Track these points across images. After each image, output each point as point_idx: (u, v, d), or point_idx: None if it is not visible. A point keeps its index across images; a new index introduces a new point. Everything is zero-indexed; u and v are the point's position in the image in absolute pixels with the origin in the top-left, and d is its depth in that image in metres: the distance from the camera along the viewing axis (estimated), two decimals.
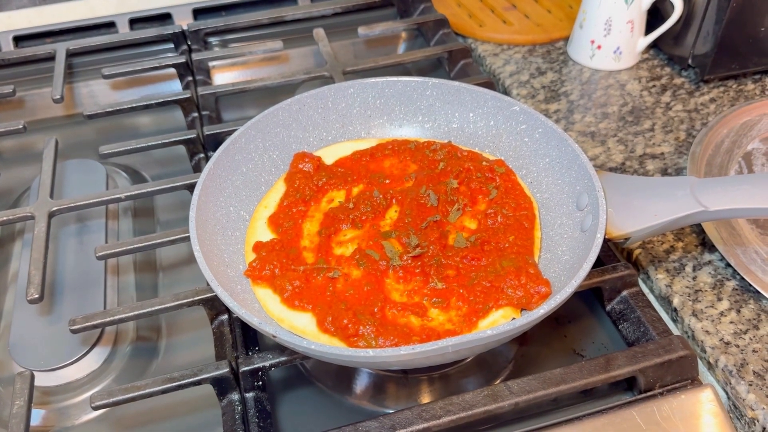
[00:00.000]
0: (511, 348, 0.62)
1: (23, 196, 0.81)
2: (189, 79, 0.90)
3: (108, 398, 0.53)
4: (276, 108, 0.68)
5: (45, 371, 0.61)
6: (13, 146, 0.89)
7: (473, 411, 0.51)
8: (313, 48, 0.97)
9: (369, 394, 0.60)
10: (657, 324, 0.58)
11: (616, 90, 0.86)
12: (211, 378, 0.54)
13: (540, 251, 0.60)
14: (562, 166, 0.62)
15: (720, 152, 0.73)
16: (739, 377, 0.55)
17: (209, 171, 0.61)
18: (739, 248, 0.63)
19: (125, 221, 0.78)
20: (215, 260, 0.56)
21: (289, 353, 0.55)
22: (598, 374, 0.53)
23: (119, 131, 0.91)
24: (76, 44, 0.94)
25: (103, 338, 0.64)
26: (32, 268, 0.63)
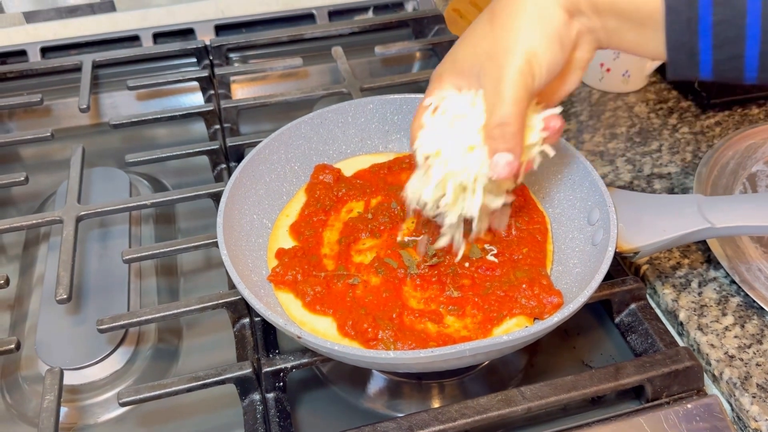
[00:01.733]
0: (521, 358, 0.64)
1: (49, 201, 0.83)
2: (211, 93, 0.93)
3: (135, 395, 0.55)
4: (298, 121, 0.71)
5: (70, 370, 0.63)
6: (40, 153, 0.92)
7: (488, 414, 0.53)
8: (331, 65, 1.00)
9: (383, 398, 0.61)
10: (664, 336, 0.60)
11: (624, 111, 0.89)
12: (235, 378, 0.56)
13: (552, 263, 0.62)
14: (574, 182, 0.65)
15: (725, 173, 0.75)
16: (743, 390, 0.57)
17: (235, 180, 0.64)
18: (744, 265, 0.65)
19: (147, 227, 0.80)
20: (240, 265, 0.58)
21: (310, 355, 0.57)
22: (607, 382, 0.55)
23: (139, 141, 0.94)
24: (102, 56, 0.97)
25: (126, 340, 0.66)
26: (61, 270, 0.65)
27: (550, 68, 0.50)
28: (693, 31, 0.44)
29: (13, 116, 0.95)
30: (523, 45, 0.49)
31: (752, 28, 0.43)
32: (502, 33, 0.50)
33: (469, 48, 0.53)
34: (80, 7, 1.01)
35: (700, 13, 0.43)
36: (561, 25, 0.49)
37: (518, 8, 0.50)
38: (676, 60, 0.47)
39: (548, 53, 0.50)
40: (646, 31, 0.47)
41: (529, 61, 0.49)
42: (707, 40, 0.44)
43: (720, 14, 0.43)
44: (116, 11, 1.03)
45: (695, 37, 0.45)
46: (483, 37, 0.51)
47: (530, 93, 0.50)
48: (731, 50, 0.44)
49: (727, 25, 0.43)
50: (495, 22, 0.51)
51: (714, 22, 0.43)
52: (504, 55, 0.50)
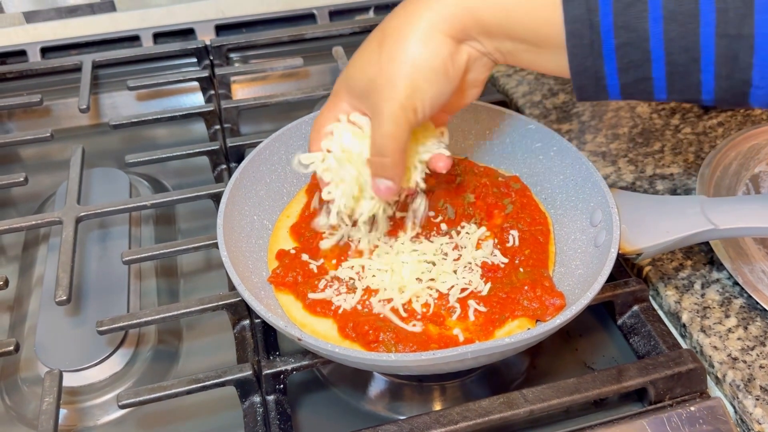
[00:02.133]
0: (523, 360, 0.64)
1: (48, 202, 0.83)
2: (211, 93, 0.92)
3: (135, 397, 0.55)
4: (299, 122, 0.70)
5: (69, 371, 0.63)
6: (39, 153, 0.92)
7: (489, 417, 0.52)
8: (331, 65, 0.99)
9: (384, 400, 0.61)
10: (667, 338, 0.60)
11: (626, 112, 0.89)
12: (235, 380, 0.56)
13: (554, 265, 0.62)
14: (576, 183, 0.64)
15: (728, 174, 0.75)
16: (747, 392, 0.56)
17: (235, 181, 0.63)
18: (747, 267, 0.65)
19: (147, 228, 0.80)
20: (240, 266, 0.58)
21: (311, 357, 0.57)
22: (610, 385, 0.55)
23: (139, 141, 0.93)
24: (102, 56, 0.97)
25: (125, 341, 0.66)
26: (60, 271, 0.65)
27: (434, 101, 0.50)
28: (597, 55, 0.43)
29: (13, 116, 0.95)
30: (405, 80, 0.48)
31: (656, 51, 0.42)
32: (387, 63, 0.48)
33: (358, 71, 0.51)
34: (80, 7, 1.01)
35: (603, 37, 0.42)
36: (447, 56, 0.48)
37: (404, 36, 0.48)
38: (582, 85, 0.46)
39: (432, 88, 0.49)
40: (544, 53, 0.46)
41: (411, 97, 0.48)
42: (612, 63, 0.43)
43: (622, 37, 0.42)
44: (116, 11, 1.02)
45: (600, 60, 0.43)
46: (370, 62, 0.50)
47: (412, 125, 0.50)
48: (638, 73, 0.43)
49: (631, 47, 0.42)
50: (382, 49, 0.49)
51: (617, 45, 0.42)
52: (387, 87, 0.49)
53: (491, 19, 0.47)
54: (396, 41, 0.48)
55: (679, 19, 0.41)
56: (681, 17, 0.41)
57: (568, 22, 0.43)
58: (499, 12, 0.46)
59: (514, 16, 0.46)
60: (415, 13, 0.48)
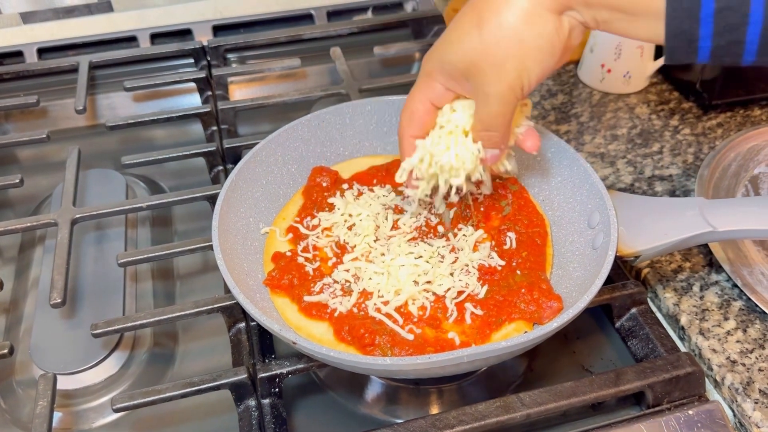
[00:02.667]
0: (521, 363, 0.63)
1: (45, 204, 0.83)
2: (208, 94, 0.92)
3: (129, 401, 0.54)
4: (296, 123, 0.70)
5: (64, 374, 0.62)
6: (35, 155, 0.91)
7: (486, 421, 0.52)
8: (329, 66, 0.99)
9: (381, 404, 0.61)
10: (665, 341, 0.59)
11: (625, 113, 0.88)
12: (230, 383, 0.56)
13: (552, 267, 0.61)
14: (574, 185, 0.64)
15: (727, 175, 0.74)
16: (745, 395, 0.56)
17: (231, 182, 0.63)
18: (746, 269, 0.65)
19: (143, 230, 0.79)
20: (236, 269, 0.58)
21: (306, 361, 0.57)
22: (607, 388, 0.54)
23: (137, 142, 0.93)
24: (99, 57, 0.96)
25: (121, 344, 0.66)
26: (55, 274, 0.65)
27: (540, 77, 0.51)
28: (694, 19, 0.44)
29: (10, 118, 0.95)
30: (514, 63, 0.49)
31: (755, 15, 0.42)
32: (491, 44, 0.49)
33: (457, 52, 0.51)
34: (77, 8, 1.01)
35: (702, 2, 0.43)
36: (553, 33, 0.49)
37: (507, 17, 0.48)
38: (675, 47, 0.46)
39: (540, 66, 0.49)
40: (640, 20, 0.47)
41: (519, 77, 0.49)
42: (708, 27, 0.44)
43: (723, 2, 0.43)
44: (113, 12, 1.02)
45: (696, 24, 0.44)
46: (470, 43, 0.50)
47: (519, 101, 0.51)
48: (731, 36, 0.44)
49: (730, 12, 0.43)
50: (483, 29, 0.49)
51: (717, 9, 0.43)
52: (494, 70, 0.49)
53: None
54: (498, 23, 0.48)
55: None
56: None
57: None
58: None
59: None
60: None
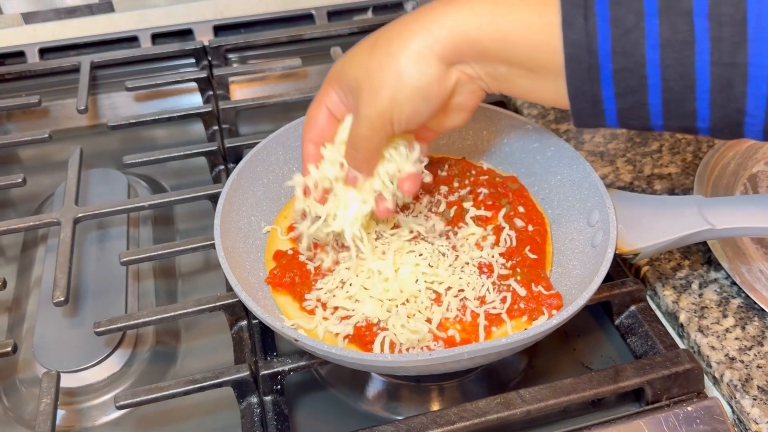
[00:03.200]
0: (521, 360, 0.64)
1: (47, 203, 0.83)
2: (210, 93, 0.92)
3: (132, 398, 0.55)
4: (297, 122, 0.70)
5: (67, 372, 0.63)
6: (37, 154, 0.92)
7: (486, 418, 0.52)
8: (330, 66, 0.98)
9: (382, 400, 0.61)
10: (664, 338, 0.60)
11: None
12: (232, 381, 0.56)
13: (551, 265, 0.62)
14: (574, 183, 0.64)
15: (726, 174, 0.75)
16: (744, 392, 0.56)
17: (233, 181, 0.63)
18: (744, 267, 0.65)
19: (145, 229, 0.80)
20: (237, 267, 0.58)
21: (308, 358, 0.57)
22: (607, 385, 0.55)
23: (138, 142, 0.93)
24: (100, 57, 0.97)
25: (123, 342, 0.66)
26: (58, 272, 0.65)
27: (411, 118, 0.51)
28: (594, 80, 0.44)
29: (12, 117, 0.95)
30: (386, 92, 0.49)
31: (653, 77, 0.42)
32: (374, 70, 0.50)
33: (348, 68, 0.53)
34: (79, 8, 1.01)
35: (601, 62, 0.43)
36: (433, 79, 0.48)
37: (395, 50, 0.49)
38: (580, 109, 0.46)
39: (409, 106, 0.49)
40: (540, 79, 0.46)
41: (389, 108, 0.50)
42: (609, 88, 0.44)
43: (620, 63, 0.42)
44: (115, 12, 1.02)
45: (597, 86, 0.44)
46: (359, 64, 0.51)
47: (387, 133, 0.52)
48: (635, 98, 0.43)
49: (628, 73, 0.43)
50: (372, 55, 0.50)
51: (614, 70, 0.43)
52: (370, 94, 0.50)
53: (488, 44, 0.47)
54: (387, 53, 0.49)
55: (675, 47, 0.41)
56: (677, 44, 0.41)
57: (567, 47, 0.43)
58: (497, 38, 0.46)
59: (512, 42, 0.46)
60: (409, 29, 0.49)
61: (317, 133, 0.57)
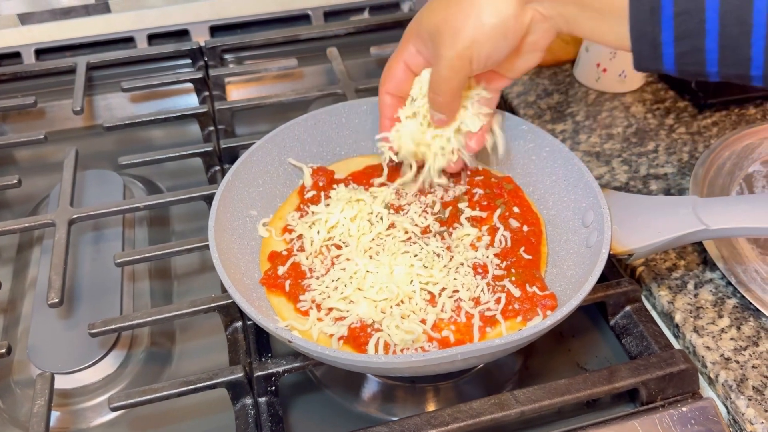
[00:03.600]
0: (516, 360, 0.64)
1: (42, 204, 0.83)
2: (206, 94, 0.92)
3: (126, 399, 0.55)
4: (292, 123, 0.70)
5: (62, 374, 0.63)
6: (33, 155, 0.92)
7: (480, 419, 0.52)
8: (326, 66, 0.99)
9: (377, 401, 0.61)
10: (659, 338, 0.60)
11: (620, 112, 0.88)
12: (226, 382, 0.56)
13: (546, 266, 0.62)
14: (569, 183, 0.64)
15: (722, 174, 0.75)
16: (739, 392, 0.56)
17: (228, 182, 0.63)
18: (740, 267, 0.65)
19: (141, 230, 0.80)
20: (232, 268, 0.58)
21: (302, 359, 0.57)
22: (601, 385, 0.55)
23: (134, 143, 0.93)
24: (96, 58, 0.97)
25: (118, 343, 0.66)
26: (53, 273, 0.65)
27: (490, 56, 0.54)
28: (656, 22, 0.45)
29: (7, 118, 0.95)
30: (467, 32, 0.52)
31: (711, 22, 0.43)
32: (454, 12, 0.52)
33: (428, 16, 0.55)
34: (75, 9, 1.01)
35: (663, 3, 0.44)
36: (509, 17, 0.51)
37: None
38: (640, 51, 0.47)
39: (489, 44, 0.52)
40: (606, 20, 0.48)
41: (470, 48, 0.52)
42: (669, 31, 0.45)
43: (681, 5, 0.43)
44: (111, 13, 1.02)
45: (658, 27, 0.45)
46: (439, 9, 0.54)
47: (467, 73, 0.55)
48: (692, 43, 0.44)
49: (688, 16, 0.44)
50: (451, 2, 0.53)
51: (675, 13, 0.44)
52: (450, 35, 0.53)
53: None
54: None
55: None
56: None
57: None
58: None
59: None
60: None
61: (394, 85, 0.61)
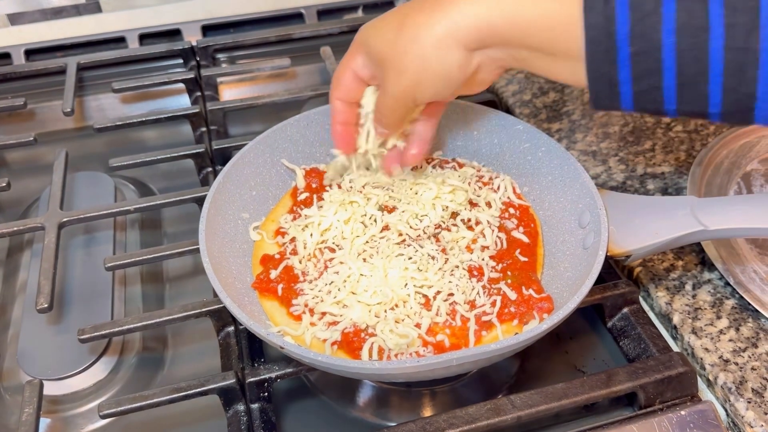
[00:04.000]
0: (513, 363, 0.63)
1: (32, 207, 0.82)
2: (198, 95, 0.91)
3: (116, 407, 0.54)
4: (284, 124, 0.69)
5: (52, 380, 0.62)
6: (23, 158, 0.91)
7: (476, 424, 0.51)
8: (319, 65, 0.98)
9: (372, 406, 0.60)
10: (657, 341, 0.59)
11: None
12: (218, 388, 0.55)
13: (543, 267, 0.61)
14: (565, 184, 0.63)
15: (719, 173, 0.74)
16: (738, 394, 0.56)
17: (219, 184, 0.62)
18: (738, 267, 0.64)
19: (133, 233, 0.79)
20: (223, 272, 0.57)
21: (295, 365, 0.56)
22: (599, 389, 0.54)
23: (126, 144, 0.92)
24: (87, 58, 0.95)
25: (109, 348, 0.65)
26: (42, 278, 0.64)
27: (434, 97, 0.55)
28: (612, 62, 0.45)
29: None
30: (410, 75, 0.52)
31: (668, 60, 0.44)
32: (401, 53, 0.52)
33: (377, 42, 0.55)
34: (65, 9, 1.00)
35: (619, 45, 0.44)
36: (453, 65, 0.51)
37: (420, 35, 0.51)
38: (598, 91, 0.47)
39: (432, 88, 0.53)
40: (559, 61, 0.48)
41: (413, 88, 0.53)
42: (626, 70, 0.45)
43: (637, 45, 0.44)
44: (102, 12, 1.01)
45: (614, 68, 0.45)
46: (386, 41, 0.54)
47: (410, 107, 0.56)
48: (650, 81, 0.45)
49: (645, 56, 0.44)
50: (400, 35, 0.52)
51: (632, 53, 0.44)
52: (395, 72, 0.53)
53: (510, 31, 0.49)
54: (413, 36, 0.51)
55: (690, 31, 0.42)
56: (692, 29, 0.42)
57: (588, 29, 0.45)
58: (519, 24, 0.48)
59: (534, 28, 0.48)
60: (435, 15, 0.50)
61: (344, 91, 0.61)
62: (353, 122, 0.62)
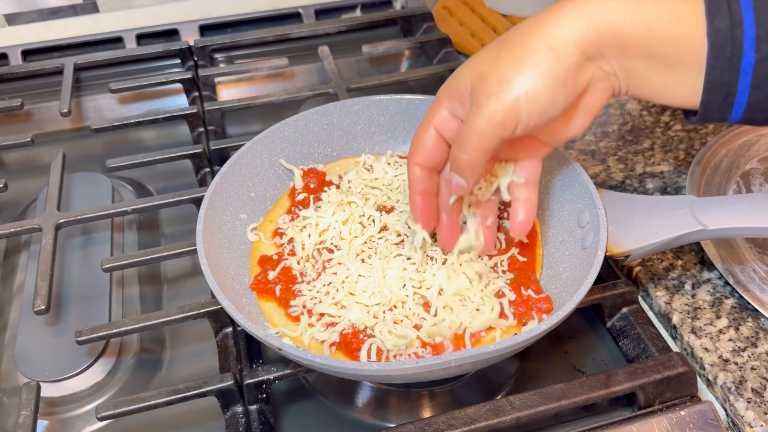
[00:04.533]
0: (512, 364, 0.63)
1: (29, 208, 0.82)
2: (195, 95, 0.91)
3: (113, 409, 0.53)
4: (282, 124, 0.69)
5: (50, 382, 0.61)
6: (20, 158, 0.90)
7: (475, 425, 0.51)
8: (317, 65, 0.98)
9: (371, 407, 0.60)
10: (657, 341, 0.59)
11: (615, 109, 0.87)
12: (216, 390, 0.55)
13: (541, 268, 0.61)
14: (564, 184, 0.63)
15: (719, 172, 0.74)
16: (738, 394, 0.55)
17: (216, 185, 0.62)
18: (738, 266, 0.64)
19: (130, 234, 0.78)
20: (221, 273, 0.57)
21: (294, 366, 0.56)
22: (598, 390, 0.54)
23: (124, 145, 0.92)
24: (84, 59, 0.95)
25: (107, 350, 0.65)
26: (39, 280, 0.64)
27: (543, 112, 0.45)
28: (734, 69, 0.42)
29: None
30: (520, 81, 0.44)
31: None
32: (505, 60, 0.45)
33: (468, 69, 0.48)
34: (62, 9, 0.99)
35: (744, 50, 0.41)
36: (572, 67, 0.45)
37: (530, 39, 0.45)
38: (710, 102, 0.44)
39: (546, 96, 0.45)
40: (677, 74, 0.45)
41: (521, 100, 0.44)
42: (747, 78, 0.42)
43: (763, 51, 0.41)
44: (99, 12, 1.01)
45: (736, 75, 0.42)
46: (485, 61, 0.47)
47: (506, 133, 0.46)
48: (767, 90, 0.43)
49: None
50: (503, 48, 0.46)
51: (757, 60, 0.41)
52: (497, 82, 0.45)
53: (632, 32, 0.44)
54: (520, 43, 0.45)
55: None
56: None
57: (711, 35, 0.42)
58: (642, 25, 0.44)
59: (656, 31, 0.44)
60: (545, 21, 0.45)
61: (423, 156, 0.52)
62: (434, 192, 0.54)
